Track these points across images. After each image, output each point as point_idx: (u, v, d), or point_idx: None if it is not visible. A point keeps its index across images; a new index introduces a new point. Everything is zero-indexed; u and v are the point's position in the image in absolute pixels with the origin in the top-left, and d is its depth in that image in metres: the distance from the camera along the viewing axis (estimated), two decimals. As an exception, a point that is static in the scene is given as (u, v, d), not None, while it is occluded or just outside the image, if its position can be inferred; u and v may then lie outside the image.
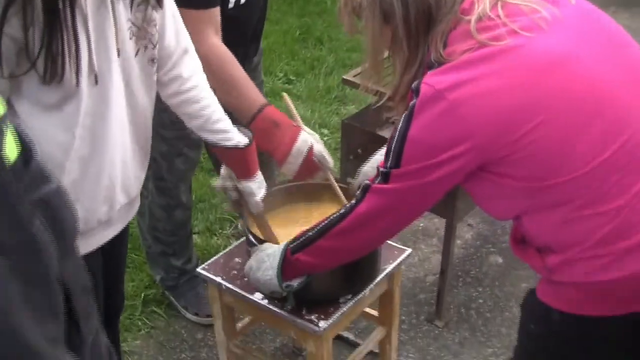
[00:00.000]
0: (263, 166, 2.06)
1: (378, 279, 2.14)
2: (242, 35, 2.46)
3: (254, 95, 2.12)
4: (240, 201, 2.03)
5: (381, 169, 1.52)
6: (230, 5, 2.29)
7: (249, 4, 2.35)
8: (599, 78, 1.40)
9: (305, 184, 2.25)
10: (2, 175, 0.72)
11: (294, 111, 2.18)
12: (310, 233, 1.73)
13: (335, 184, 2.20)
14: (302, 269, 1.81)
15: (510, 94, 1.37)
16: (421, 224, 3.45)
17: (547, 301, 1.57)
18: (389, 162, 1.49)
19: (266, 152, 2.11)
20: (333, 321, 2.00)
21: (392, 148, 1.48)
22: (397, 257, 2.24)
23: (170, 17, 1.76)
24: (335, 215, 1.66)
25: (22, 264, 0.73)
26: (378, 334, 2.38)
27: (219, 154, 2.00)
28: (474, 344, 2.81)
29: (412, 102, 1.44)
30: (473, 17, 1.42)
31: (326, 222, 1.68)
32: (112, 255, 1.92)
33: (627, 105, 1.41)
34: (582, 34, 1.45)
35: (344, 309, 2.03)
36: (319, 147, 2.14)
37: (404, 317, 2.88)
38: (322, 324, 1.98)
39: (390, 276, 2.22)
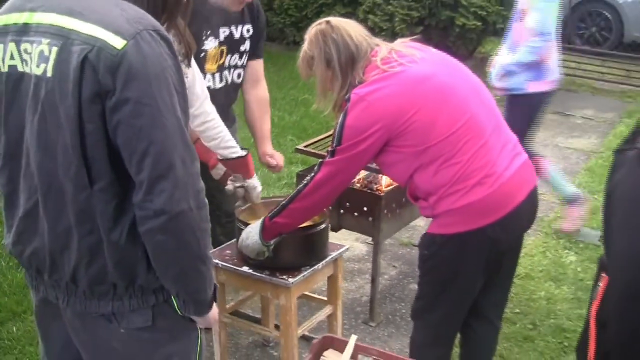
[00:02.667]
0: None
1: (327, 259, 3.11)
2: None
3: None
4: (246, 196, 3.02)
5: (329, 149, 2.55)
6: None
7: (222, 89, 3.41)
8: (448, 86, 2.51)
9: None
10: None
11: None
12: (283, 202, 2.71)
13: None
14: (278, 230, 2.78)
15: (399, 96, 2.45)
16: (356, 266, 4.44)
17: (432, 231, 2.58)
18: (334, 143, 2.52)
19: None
20: (298, 279, 2.95)
21: (336, 134, 2.52)
22: (339, 249, 3.22)
23: (198, 73, 2.81)
24: (300, 186, 2.65)
25: (181, 100, 1.72)
26: (327, 309, 3.31)
27: (229, 166, 2.99)
28: (398, 336, 3.74)
29: (346, 106, 2.50)
30: (378, 57, 2.53)
31: (294, 192, 2.67)
32: None
33: (465, 101, 2.50)
34: (439, 64, 2.58)
35: (305, 272, 2.99)
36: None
37: (345, 322, 3.81)
38: (291, 279, 2.93)
39: (335, 261, 3.19)
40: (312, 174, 2.62)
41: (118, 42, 1.64)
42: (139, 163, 1.66)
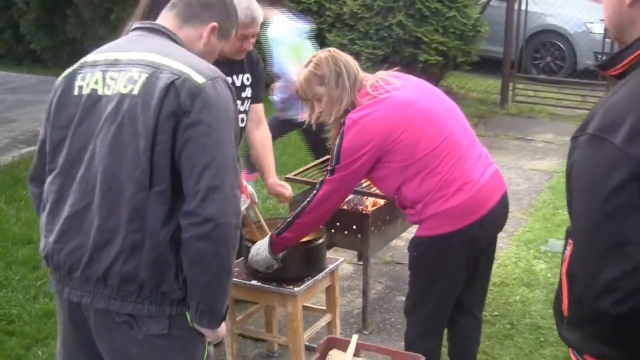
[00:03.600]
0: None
1: (325, 271, 3.48)
2: None
3: None
4: None
5: (329, 168, 2.94)
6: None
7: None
8: (429, 109, 2.93)
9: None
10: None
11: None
12: (289, 219, 3.08)
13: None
14: (285, 244, 3.15)
15: (388, 118, 2.86)
16: (345, 284, 4.81)
17: (420, 234, 2.98)
18: (333, 163, 2.91)
19: None
20: (302, 288, 3.31)
21: (334, 155, 2.91)
22: (335, 262, 3.60)
23: None
24: (304, 203, 3.03)
25: (235, 138, 2.12)
26: (327, 317, 3.67)
27: None
28: (390, 341, 4.10)
29: (341, 129, 2.90)
30: (368, 83, 2.95)
31: (299, 209, 3.05)
32: None
33: (444, 120, 2.92)
34: (419, 90, 3.01)
35: (308, 282, 3.36)
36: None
37: (341, 332, 4.15)
38: (296, 289, 3.30)
39: (332, 273, 3.57)
40: (315, 192, 3.00)
41: (200, 79, 2.09)
42: (200, 174, 2.03)
